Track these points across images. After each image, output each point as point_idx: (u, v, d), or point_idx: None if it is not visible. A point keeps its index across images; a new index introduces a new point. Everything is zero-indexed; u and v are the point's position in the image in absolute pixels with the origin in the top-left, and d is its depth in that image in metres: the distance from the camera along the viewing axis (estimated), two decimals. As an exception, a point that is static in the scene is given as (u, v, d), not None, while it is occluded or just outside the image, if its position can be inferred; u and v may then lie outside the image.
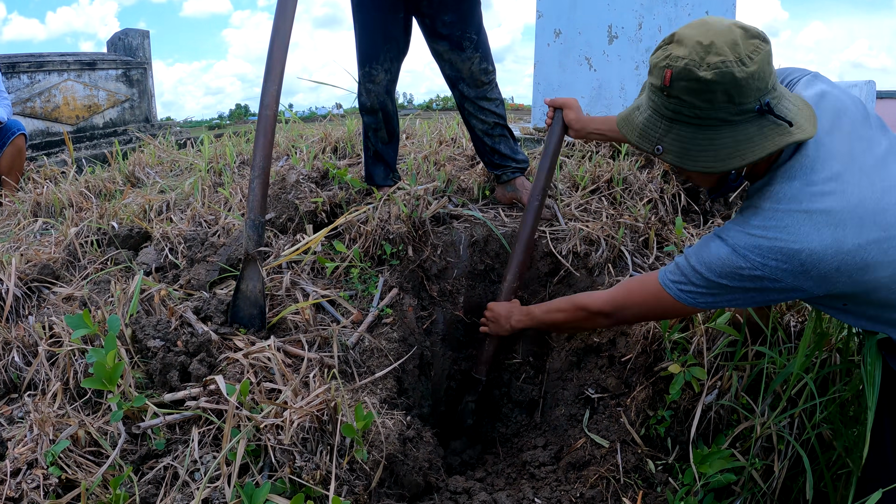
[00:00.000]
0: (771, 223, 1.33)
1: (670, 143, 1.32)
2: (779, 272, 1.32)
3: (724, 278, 1.40)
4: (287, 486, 1.45)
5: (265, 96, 2.02)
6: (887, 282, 1.32)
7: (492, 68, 2.77)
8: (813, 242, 1.28)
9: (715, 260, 1.40)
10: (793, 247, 1.29)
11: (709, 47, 1.24)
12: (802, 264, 1.30)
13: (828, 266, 1.29)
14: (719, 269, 1.40)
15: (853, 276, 1.30)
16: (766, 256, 1.32)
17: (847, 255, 1.28)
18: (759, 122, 1.27)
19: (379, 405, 1.75)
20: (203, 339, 1.89)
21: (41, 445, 1.61)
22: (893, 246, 1.30)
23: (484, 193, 2.94)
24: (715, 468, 1.79)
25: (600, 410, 2.06)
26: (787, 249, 1.30)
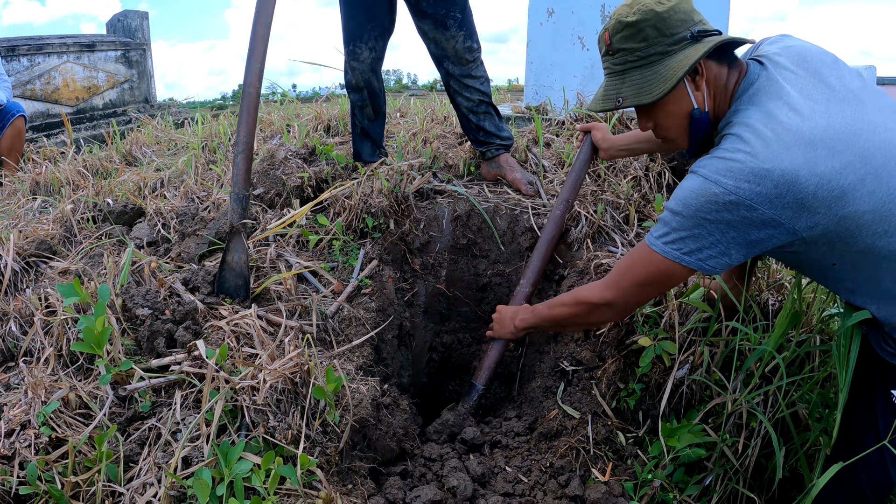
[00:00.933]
0: (739, 145, 1.32)
1: (627, 91, 1.45)
2: (753, 196, 1.28)
3: (701, 211, 1.34)
4: (261, 445, 1.53)
5: (248, 74, 2.07)
6: (870, 221, 1.29)
7: (476, 46, 2.81)
8: (783, 162, 1.26)
9: (688, 193, 1.36)
10: (764, 166, 1.27)
11: (632, 2, 1.43)
12: (776, 185, 1.26)
13: (803, 189, 1.26)
14: (694, 201, 1.35)
15: (832, 207, 1.27)
16: (737, 178, 1.29)
17: (822, 177, 1.25)
18: (695, 46, 1.40)
19: (354, 372, 1.82)
20: (189, 307, 1.96)
21: (34, 408, 1.68)
22: (872, 177, 1.28)
23: (469, 170, 2.99)
24: (683, 442, 1.80)
25: (574, 383, 2.10)
26: (759, 169, 1.27)
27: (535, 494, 1.78)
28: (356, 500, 1.53)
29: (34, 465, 1.50)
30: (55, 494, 1.49)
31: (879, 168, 1.28)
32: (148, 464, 1.54)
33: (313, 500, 1.42)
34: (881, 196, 1.29)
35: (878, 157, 1.29)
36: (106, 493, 1.51)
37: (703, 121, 1.47)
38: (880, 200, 1.29)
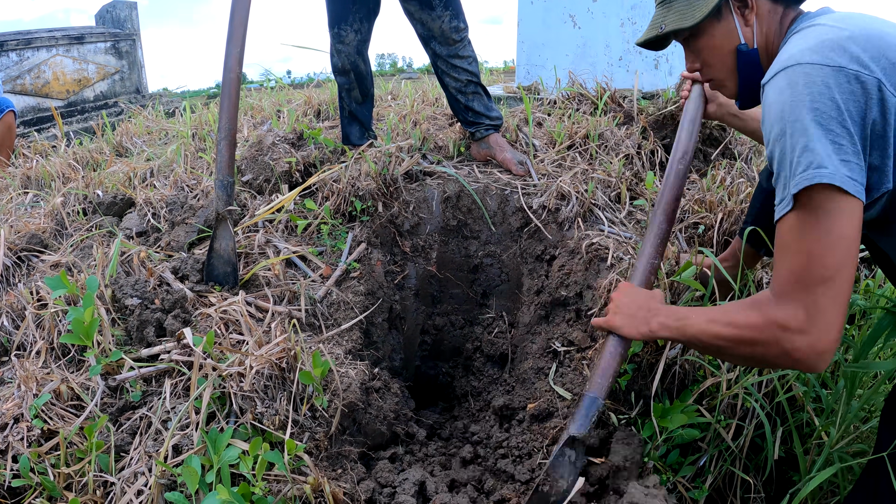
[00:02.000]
0: (800, 38, 1.22)
1: (671, 17, 1.43)
2: (847, 60, 1.10)
3: (818, 101, 1.09)
4: (249, 432, 1.53)
5: (228, 59, 2.05)
6: None
7: (463, 26, 2.78)
8: (863, 27, 1.17)
9: (781, 95, 1.14)
10: (843, 33, 1.15)
11: None
12: (854, 41, 1.12)
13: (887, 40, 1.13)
14: (795, 94, 1.12)
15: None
16: (823, 53, 1.12)
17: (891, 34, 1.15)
18: None
19: (343, 356, 1.82)
20: (178, 296, 1.96)
21: (26, 401, 1.69)
22: None
23: (459, 150, 2.97)
24: (676, 423, 1.75)
25: (566, 363, 2.09)
26: (837, 38, 1.14)
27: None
28: (345, 484, 1.54)
29: (27, 458, 1.51)
30: (48, 486, 1.50)
31: None
32: (139, 453, 1.55)
33: (301, 486, 1.43)
34: None
35: None
36: (98, 484, 1.52)
37: (751, 59, 1.35)
38: None
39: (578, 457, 1.51)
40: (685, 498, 1.86)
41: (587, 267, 2.16)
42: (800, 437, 1.87)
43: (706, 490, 1.85)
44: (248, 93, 5.23)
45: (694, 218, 2.41)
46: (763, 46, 1.37)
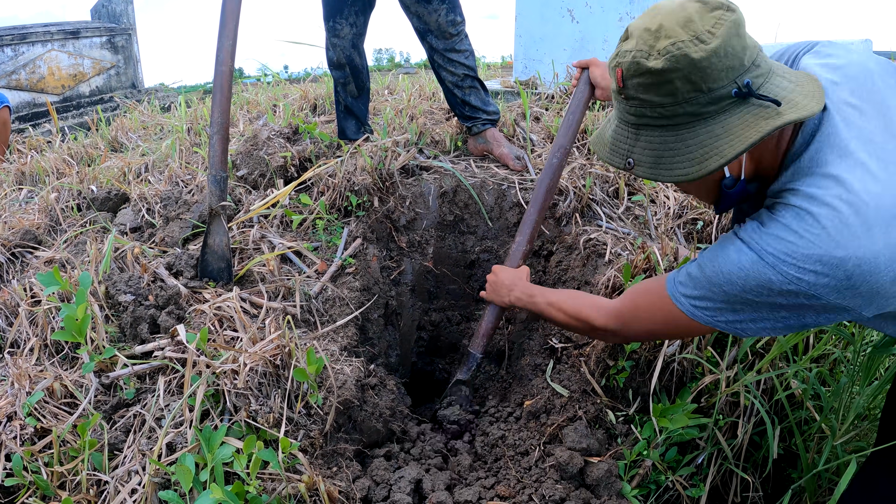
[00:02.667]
0: (805, 225, 1.05)
1: (640, 153, 1.13)
2: (818, 287, 1.05)
3: (749, 293, 1.12)
4: (243, 430, 1.52)
5: (220, 52, 2.03)
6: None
7: (460, 19, 2.76)
8: (861, 248, 1.01)
9: (736, 270, 1.12)
10: (836, 254, 1.02)
11: (657, 32, 1.05)
12: (849, 277, 1.02)
13: (882, 278, 1.02)
14: (742, 281, 1.12)
15: (878, 301, 1.05)
16: (801, 266, 1.04)
17: (887, 268, 1.01)
18: (740, 110, 1.05)
19: (339, 352, 1.81)
20: (173, 292, 1.94)
21: (19, 399, 1.67)
22: None
23: (456, 145, 2.95)
24: (676, 424, 1.75)
25: (563, 360, 2.08)
26: (829, 257, 1.02)
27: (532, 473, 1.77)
28: (341, 483, 1.52)
29: (20, 457, 1.50)
30: (41, 485, 1.49)
31: None
32: (132, 451, 1.54)
33: (296, 484, 1.42)
34: None
35: None
36: (91, 482, 1.51)
37: (736, 190, 1.17)
38: None
39: (468, 393, 2.16)
40: (683, 497, 1.85)
41: (585, 263, 2.14)
42: (800, 434, 1.86)
43: (704, 489, 1.85)
44: (245, 87, 5.21)
45: (693, 214, 2.40)
46: (752, 173, 1.18)
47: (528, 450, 1.83)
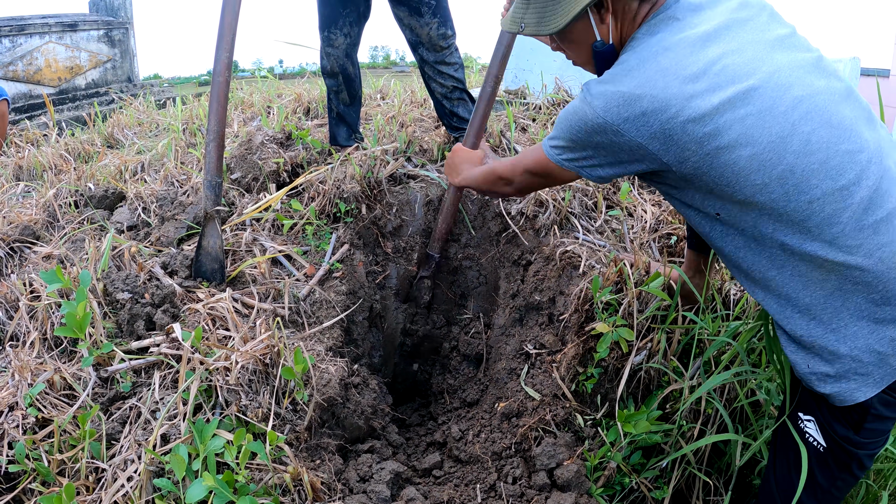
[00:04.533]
0: (618, 69, 1.30)
1: (529, 18, 1.43)
2: (620, 121, 1.26)
3: (575, 131, 1.36)
4: (233, 423, 1.63)
5: (217, 64, 2.13)
6: (747, 168, 1.22)
7: (451, 33, 2.86)
8: (656, 89, 1.23)
9: (570, 111, 1.37)
10: (635, 91, 1.24)
11: None
12: (644, 113, 1.24)
13: (671, 120, 1.22)
14: (571, 119, 1.36)
15: (703, 144, 1.23)
16: (608, 102, 1.27)
17: (694, 111, 1.21)
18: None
19: (324, 353, 1.92)
20: (168, 291, 2.05)
21: (21, 390, 1.77)
22: (753, 118, 1.21)
23: (444, 154, 3.06)
24: (640, 429, 1.87)
25: (537, 365, 2.19)
26: (629, 94, 1.25)
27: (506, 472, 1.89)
28: (323, 474, 1.64)
29: (22, 445, 1.59)
30: (42, 472, 1.59)
31: (764, 110, 1.21)
32: (129, 441, 1.64)
33: (282, 475, 1.53)
34: (761, 141, 1.21)
35: (766, 98, 1.22)
36: (90, 470, 1.61)
37: (605, 52, 1.42)
38: (760, 145, 1.21)
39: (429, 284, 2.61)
40: (648, 498, 1.96)
41: (560, 273, 2.26)
42: (764, 442, 1.90)
43: (668, 491, 1.95)
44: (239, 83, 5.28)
45: (667, 229, 2.50)
46: (617, 39, 1.42)
47: (501, 450, 1.95)
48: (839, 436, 1.37)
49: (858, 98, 1.31)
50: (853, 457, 1.38)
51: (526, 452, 1.98)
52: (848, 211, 1.22)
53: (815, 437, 1.42)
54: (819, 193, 1.21)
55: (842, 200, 1.21)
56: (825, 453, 1.41)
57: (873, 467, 1.87)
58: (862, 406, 1.32)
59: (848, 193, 1.21)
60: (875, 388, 1.30)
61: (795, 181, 1.22)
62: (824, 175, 1.21)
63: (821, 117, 1.22)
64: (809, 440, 1.43)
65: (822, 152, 1.21)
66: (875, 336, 1.27)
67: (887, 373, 1.29)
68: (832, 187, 1.21)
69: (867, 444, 1.37)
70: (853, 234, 1.22)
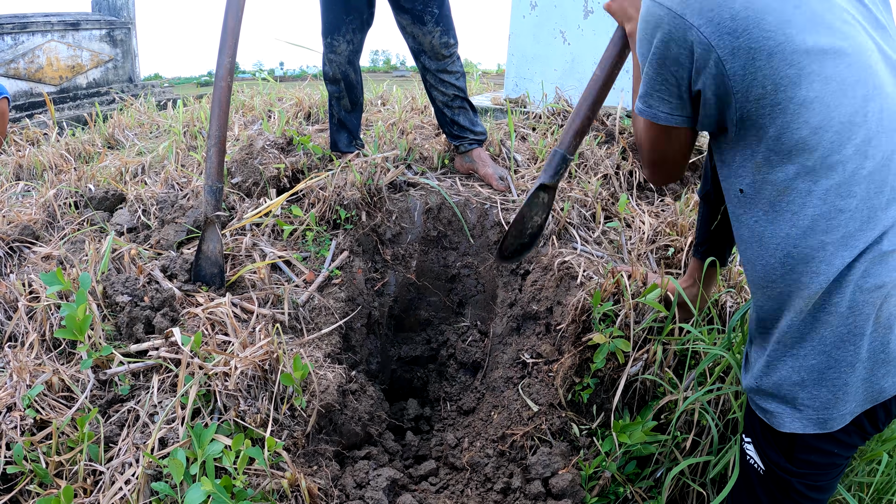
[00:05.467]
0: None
1: None
2: (682, 4, 1.14)
3: (644, 38, 1.22)
4: (232, 428, 1.64)
5: (219, 69, 2.15)
6: (807, 138, 1.11)
7: (453, 42, 2.88)
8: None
9: (640, 21, 1.24)
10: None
11: None
12: (733, 17, 1.09)
13: (763, 33, 1.09)
14: (641, 29, 1.23)
15: (779, 88, 1.10)
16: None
17: (790, 39, 1.08)
18: None
19: (322, 359, 1.93)
20: (167, 295, 2.06)
21: (19, 391, 1.77)
22: (838, 87, 1.10)
23: (444, 162, 3.08)
24: (635, 440, 1.88)
25: (534, 374, 2.20)
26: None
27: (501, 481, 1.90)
28: (320, 480, 1.65)
29: (20, 446, 1.59)
30: (40, 473, 1.59)
31: (847, 85, 1.11)
32: (127, 444, 1.65)
33: (279, 480, 1.54)
34: (833, 115, 1.11)
35: (853, 72, 1.11)
36: (87, 472, 1.62)
37: None
38: (829, 119, 1.11)
39: (550, 198, 2.03)
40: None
41: (558, 284, 2.28)
42: None
43: (662, 501, 1.96)
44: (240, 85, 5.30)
45: (665, 240, 2.52)
46: None
47: (497, 457, 1.97)
48: (771, 461, 1.33)
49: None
50: (788, 484, 1.32)
51: (521, 461, 2.00)
52: (865, 235, 1.13)
53: (755, 458, 1.38)
54: (854, 204, 1.12)
55: (866, 220, 1.13)
56: (765, 476, 1.36)
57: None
58: (790, 436, 1.26)
59: (873, 216, 1.13)
60: (815, 428, 1.23)
61: (839, 179, 1.12)
62: (866, 185, 1.12)
63: (890, 122, 1.13)
64: (750, 462, 1.40)
65: (877, 161, 1.13)
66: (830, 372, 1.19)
67: (823, 415, 1.21)
68: (865, 203, 1.12)
69: (802, 474, 1.30)
70: (858, 267, 1.14)
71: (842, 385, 1.19)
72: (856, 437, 1.25)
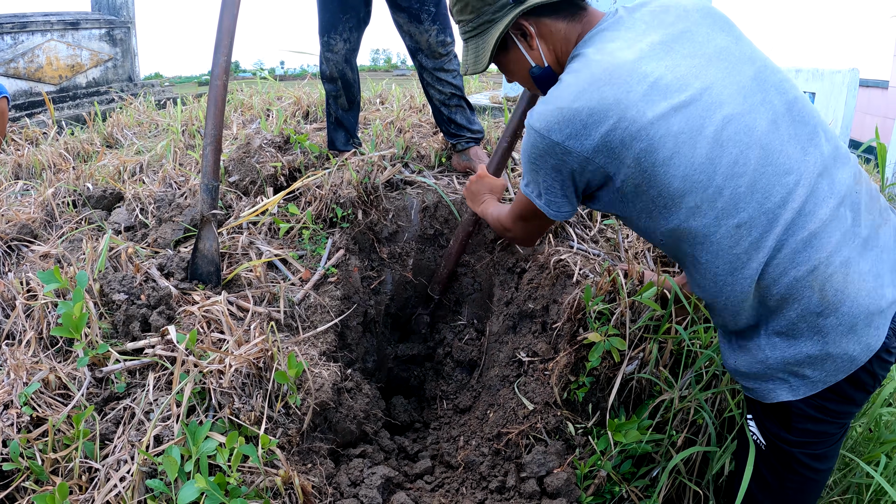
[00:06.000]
0: (556, 88, 1.32)
1: (468, 60, 1.53)
2: (563, 138, 1.27)
3: (531, 159, 1.37)
4: (226, 426, 1.64)
5: (215, 67, 2.15)
6: (680, 187, 1.24)
7: (450, 40, 2.88)
8: (592, 100, 1.24)
9: (524, 142, 1.39)
10: (572, 105, 1.25)
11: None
12: (585, 126, 1.25)
13: (609, 128, 1.23)
14: (525, 149, 1.38)
15: (641, 159, 1.23)
16: (549, 121, 1.29)
17: (631, 121, 1.22)
18: (514, 12, 1.41)
19: (318, 357, 1.94)
20: (164, 293, 2.06)
21: (16, 388, 1.78)
22: (688, 137, 1.22)
23: (441, 161, 3.08)
24: (630, 438, 1.89)
25: (529, 373, 2.20)
26: (566, 109, 1.26)
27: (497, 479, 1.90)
28: (314, 478, 1.65)
29: (16, 443, 1.60)
30: (36, 470, 1.60)
31: (695, 129, 1.23)
32: (122, 442, 1.65)
33: (273, 478, 1.54)
34: (693, 161, 1.23)
35: (696, 117, 1.23)
36: (83, 469, 1.62)
37: (543, 76, 1.47)
38: (691, 166, 1.23)
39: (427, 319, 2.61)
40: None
41: (554, 282, 2.28)
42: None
43: (658, 500, 1.95)
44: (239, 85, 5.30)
45: (661, 238, 2.53)
46: (554, 62, 1.46)
47: (492, 455, 1.97)
48: (772, 433, 1.42)
49: (803, 111, 1.31)
50: (790, 455, 1.42)
51: (517, 460, 2.00)
52: (772, 234, 1.25)
53: (757, 434, 1.47)
54: (746, 217, 1.24)
55: (768, 224, 1.24)
56: (767, 452, 1.46)
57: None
58: (784, 405, 1.36)
59: (774, 217, 1.24)
60: (791, 395, 1.34)
61: (723, 204, 1.25)
62: (750, 198, 1.24)
63: (750, 137, 1.24)
64: (754, 438, 1.48)
65: (749, 175, 1.24)
66: (791, 351, 1.31)
67: (804, 384, 1.32)
68: (759, 210, 1.24)
69: (801, 443, 1.40)
70: (780, 260, 1.26)
71: (805, 357, 1.30)
72: (843, 403, 1.34)
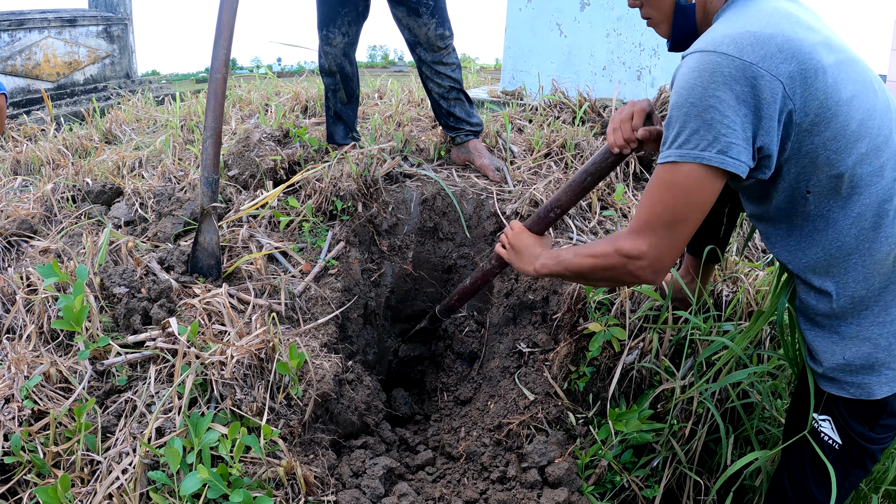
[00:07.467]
0: (731, 21, 1.26)
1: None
2: (758, 59, 1.18)
3: (708, 89, 1.20)
4: (228, 417, 1.64)
5: (215, 60, 2.15)
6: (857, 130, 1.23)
7: (449, 34, 2.88)
8: (785, 29, 1.20)
9: (689, 75, 1.23)
10: (766, 31, 1.20)
11: None
12: (780, 49, 1.19)
13: (805, 55, 1.19)
14: (697, 79, 1.21)
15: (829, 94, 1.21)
16: (740, 43, 1.19)
17: (821, 56, 1.20)
18: None
19: (319, 349, 1.94)
20: (164, 286, 2.06)
21: (17, 382, 1.78)
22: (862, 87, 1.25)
23: (440, 154, 3.08)
24: (631, 428, 1.89)
25: (530, 364, 2.21)
26: (760, 34, 1.20)
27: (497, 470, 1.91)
28: (316, 469, 1.66)
29: (18, 437, 1.60)
30: (37, 463, 1.60)
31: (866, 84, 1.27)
32: (124, 434, 1.65)
33: (275, 469, 1.55)
34: (866, 107, 1.24)
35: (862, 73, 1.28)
36: (85, 462, 1.62)
37: (686, 13, 1.40)
38: (866, 111, 1.24)
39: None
40: (639, 497, 1.99)
41: (554, 273, 2.28)
42: (757, 442, 1.91)
43: (659, 490, 1.97)
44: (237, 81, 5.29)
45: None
46: (702, 4, 1.39)
47: (493, 446, 1.97)
48: (855, 433, 1.41)
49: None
50: (867, 452, 1.43)
51: (518, 450, 2.01)
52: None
53: (831, 435, 1.45)
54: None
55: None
56: (840, 451, 1.44)
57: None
58: (880, 403, 1.36)
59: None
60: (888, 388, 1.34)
61: (889, 154, 1.27)
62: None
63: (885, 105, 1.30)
64: (824, 439, 1.46)
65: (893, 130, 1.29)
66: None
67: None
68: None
69: (881, 440, 1.42)
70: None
71: None
72: None
